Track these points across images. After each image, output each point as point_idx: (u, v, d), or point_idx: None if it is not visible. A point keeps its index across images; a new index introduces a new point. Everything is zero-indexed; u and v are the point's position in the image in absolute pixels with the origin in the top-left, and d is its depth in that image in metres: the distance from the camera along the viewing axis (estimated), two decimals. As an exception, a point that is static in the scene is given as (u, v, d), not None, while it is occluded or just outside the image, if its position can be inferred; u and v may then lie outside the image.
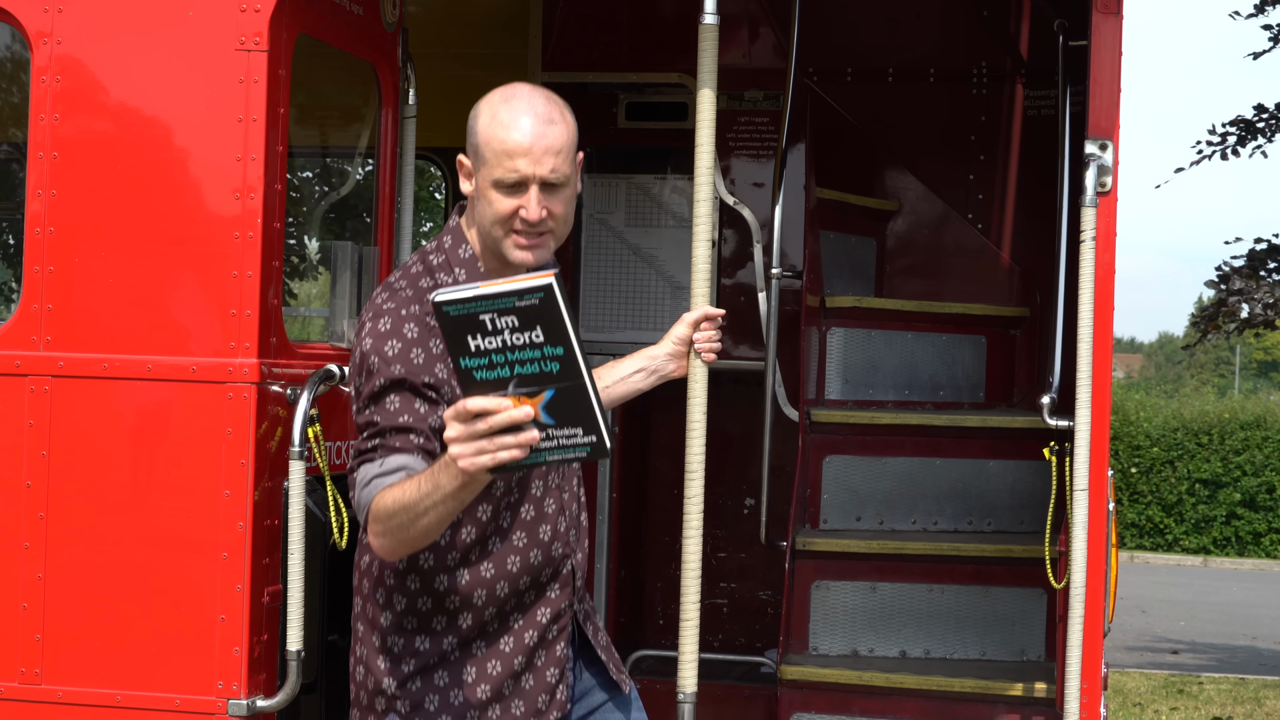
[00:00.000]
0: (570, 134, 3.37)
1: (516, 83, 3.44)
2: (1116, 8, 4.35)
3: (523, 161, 3.30)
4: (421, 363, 3.28)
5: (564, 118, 3.36)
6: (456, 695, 3.45)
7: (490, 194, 3.34)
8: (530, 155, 3.30)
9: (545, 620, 3.51)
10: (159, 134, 4.28)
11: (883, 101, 6.52)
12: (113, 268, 4.25)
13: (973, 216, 6.46)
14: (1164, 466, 21.73)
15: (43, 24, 4.32)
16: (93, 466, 4.26)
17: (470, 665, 3.45)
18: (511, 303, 2.81)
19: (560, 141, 3.33)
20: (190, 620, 4.17)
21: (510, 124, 3.31)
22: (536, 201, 3.32)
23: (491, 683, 3.46)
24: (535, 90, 3.39)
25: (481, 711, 3.45)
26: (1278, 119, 11.73)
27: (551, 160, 3.31)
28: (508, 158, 3.30)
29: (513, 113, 3.32)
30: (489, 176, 3.34)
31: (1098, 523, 4.33)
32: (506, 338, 2.82)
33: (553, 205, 3.35)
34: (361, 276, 4.80)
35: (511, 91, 3.38)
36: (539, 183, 3.32)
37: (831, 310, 5.92)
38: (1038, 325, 6.17)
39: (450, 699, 3.44)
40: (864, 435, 5.75)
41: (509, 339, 2.82)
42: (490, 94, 3.41)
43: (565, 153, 3.34)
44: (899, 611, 5.51)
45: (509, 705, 3.47)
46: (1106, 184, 4.31)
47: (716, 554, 6.59)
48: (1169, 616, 15.49)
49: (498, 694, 3.46)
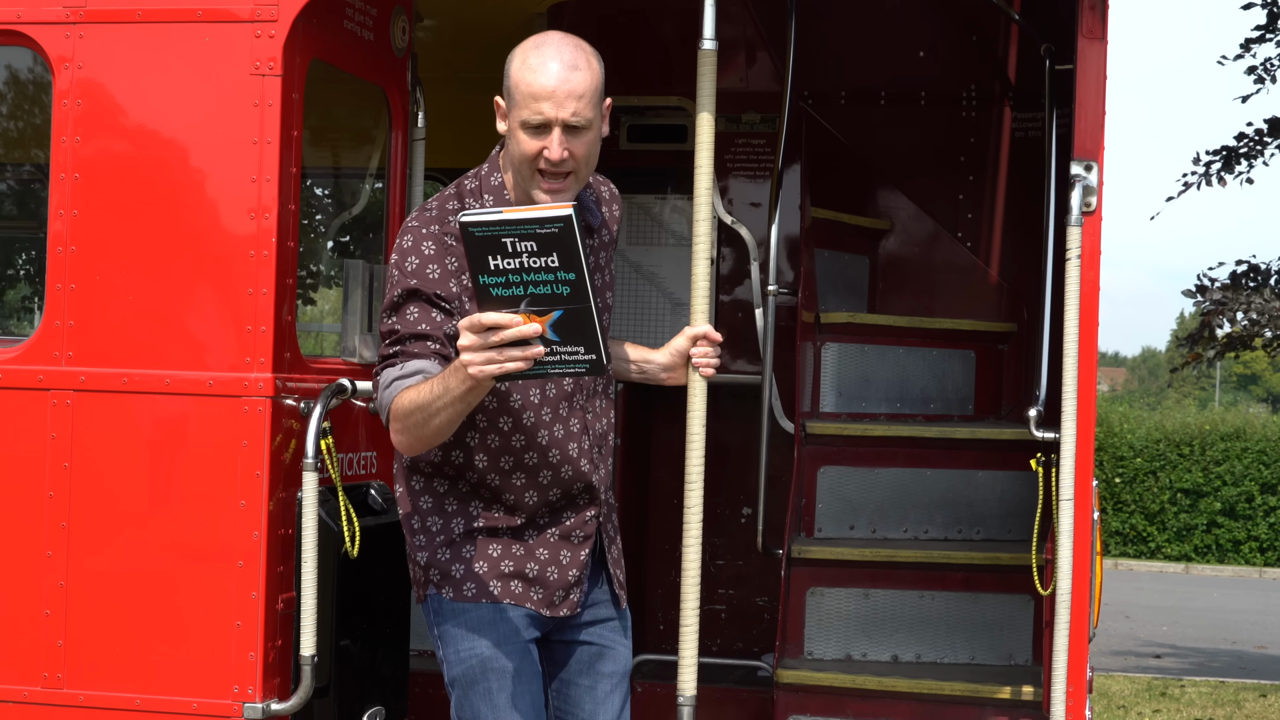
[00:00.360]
0: (595, 80, 3.50)
1: (550, 30, 3.60)
2: (1101, 33, 4.36)
3: (547, 105, 3.44)
4: (436, 277, 3.48)
5: (589, 65, 3.50)
6: (481, 566, 3.65)
7: (518, 134, 3.49)
8: (554, 99, 3.44)
9: (571, 524, 3.70)
10: (177, 156, 4.28)
11: (875, 124, 6.53)
12: (132, 285, 4.26)
13: (962, 235, 6.46)
14: (1147, 477, 21.72)
15: (64, 49, 4.33)
16: (113, 477, 4.26)
17: (497, 543, 3.65)
18: (533, 229, 3.03)
19: (584, 87, 3.47)
20: (207, 626, 4.17)
21: (538, 69, 3.45)
22: (559, 143, 3.46)
23: (515, 562, 3.66)
24: (565, 38, 3.52)
25: (504, 584, 3.64)
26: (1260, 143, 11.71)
27: (574, 104, 3.45)
28: (534, 100, 3.45)
29: (541, 58, 3.47)
30: (518, 117, 3.48)
31: (1083, 531, 4.33)
32: (525, 260, 3.05)
33: (575, 147, 3.49)
34: (372, 293, 4.80)
35: (543, 39, 3.52)
36: (562, 125, 3.46)
37: (826, 326, 5.92)
38: (1025, 340, 6.16)
39: (475, 569, 3.65)
40: (857, 447, 5.75)
41: (526, 261, 3.06)
42: (526, 40, 3.54)
43: (589, 98, 3.48)
44: (891, 617, 5.51)
45: (529, 588, 3.66)
46: (1091, 204, 4.31)
47: (715, 561, 6.58)
48: (1152, 622, 15.48)
49: (519, 573, 3.65)
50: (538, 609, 3.67)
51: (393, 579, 4.53)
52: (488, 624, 3.64)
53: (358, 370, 4.67)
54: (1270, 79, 11.61)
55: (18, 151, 7.49)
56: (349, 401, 4.39)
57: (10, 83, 7.18)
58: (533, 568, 3.66)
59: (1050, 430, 4.51)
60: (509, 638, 3.64)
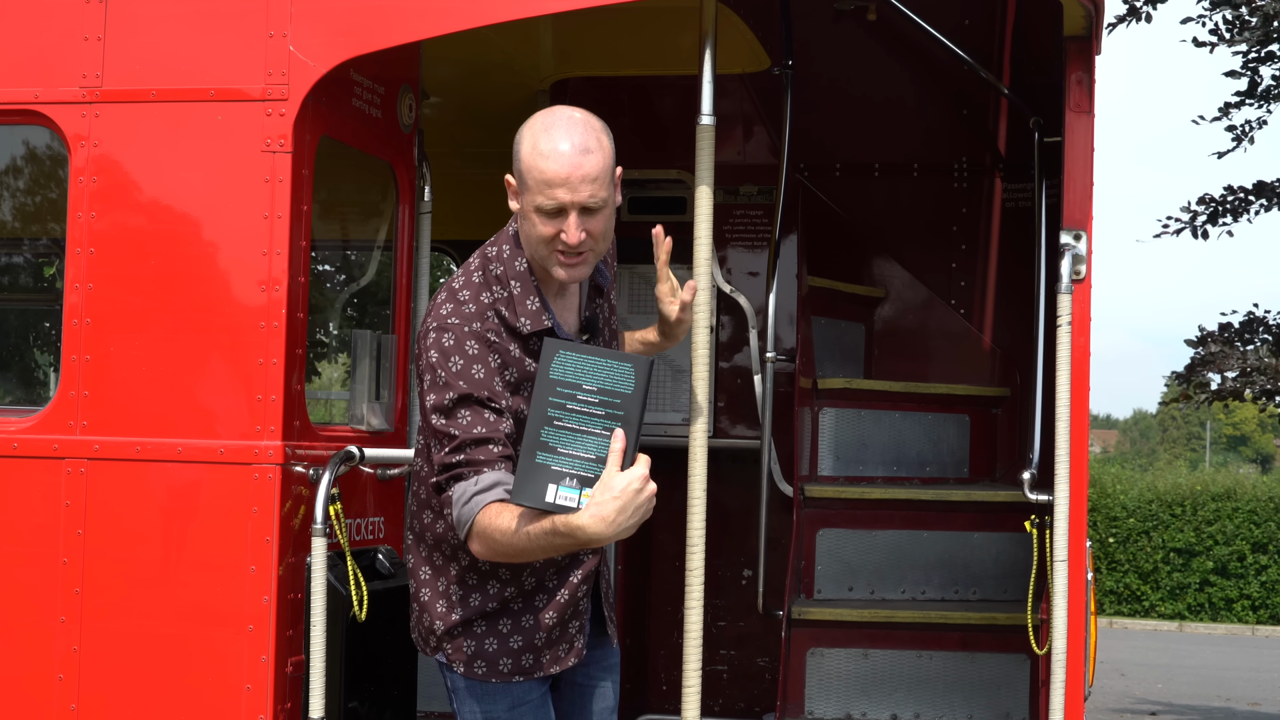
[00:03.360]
0: (607, 159, 3.43)
1: (558, 108, 3.49)
2: (1088, 107, 4.38)
3: (561, 191, 3.37)
4: (482, 378, 3.41)
5: (600, 144, 3.42)
6: (491, 644, 3.59)
7: (533, 217, 3.43)
8: (568, 185, 3.37)
9: (577, 582, 3.63)
10: (190, 230, 4.30)
11: (870, 195, 6.55)
12: (146, 356, 4.26)
13: (955, 302, 6.48)
14: (1140, 536, 21.63)
15: (80, 128, 4.36)
16: (126, 544, 4.25)
17: (508, 619, 3.59)
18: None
19: (596, 169, 3.39)
20: (218, 689, 4.15)
21: (550, 154, 3.38)
22: (576, 226, 3.40)
23: (524, 636, 3.59)
24: (574, 117, 3.44)
25: (514, 660, 3.59)
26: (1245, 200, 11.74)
27: (589, 188, 3.38)
28: (548, 187, 3.38)
29: (552, 142, 3.39)
30: (531, 202, 3.42)
31: (1077, 591, 4.31)
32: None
33: (591, 226, 3.43)
34: (380, 363, 4.80)
35: (551, 119, 3.44)
36: (577, 209, 3.39)
37: (823, 391, 5.93)
38: (1018, 404, 6.16)
39: (485, 647, 3.59)
40: (855, 509, 5.74)
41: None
42: (533, 119, 3.47)
43: (602, 179, 3.41)
44: (890, 677, 5.48)
45: (539, 657, 3.61)
46: (1081, 272, 4.32)
47: (716, 622, 6.56)
48: (1147, 679, 15.38)
49: (529, 646, 3.60)
50: (548, 672, 3.65)
51: (400, 642, 4.50)
52: (502, 692, 3.61)
53: (366, 438, 4.67)
54: (1249, 140, 11.67)
55: (36, 226, 7.52)
56: (357, 468, 4.39)
57: (28, 159, 7.21)
58: (541, 636, 3.60)
59: (1044, 493, 4.51)
60: (522, 698, 3.62)
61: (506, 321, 3.47)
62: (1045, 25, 5.01)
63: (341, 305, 7.40)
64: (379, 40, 4.28)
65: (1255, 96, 11.50)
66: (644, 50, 6.16)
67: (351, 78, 4.57)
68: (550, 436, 3.26)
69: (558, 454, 3.26)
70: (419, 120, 5.06)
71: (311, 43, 4.25)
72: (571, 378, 3.28)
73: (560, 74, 6.44)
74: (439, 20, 4.25)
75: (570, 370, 3.28)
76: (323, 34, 4.25)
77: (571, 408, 3.27)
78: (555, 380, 3.27)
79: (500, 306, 3.48)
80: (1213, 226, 11.78)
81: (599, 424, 3.27)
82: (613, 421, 3.26)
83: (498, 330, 3.46)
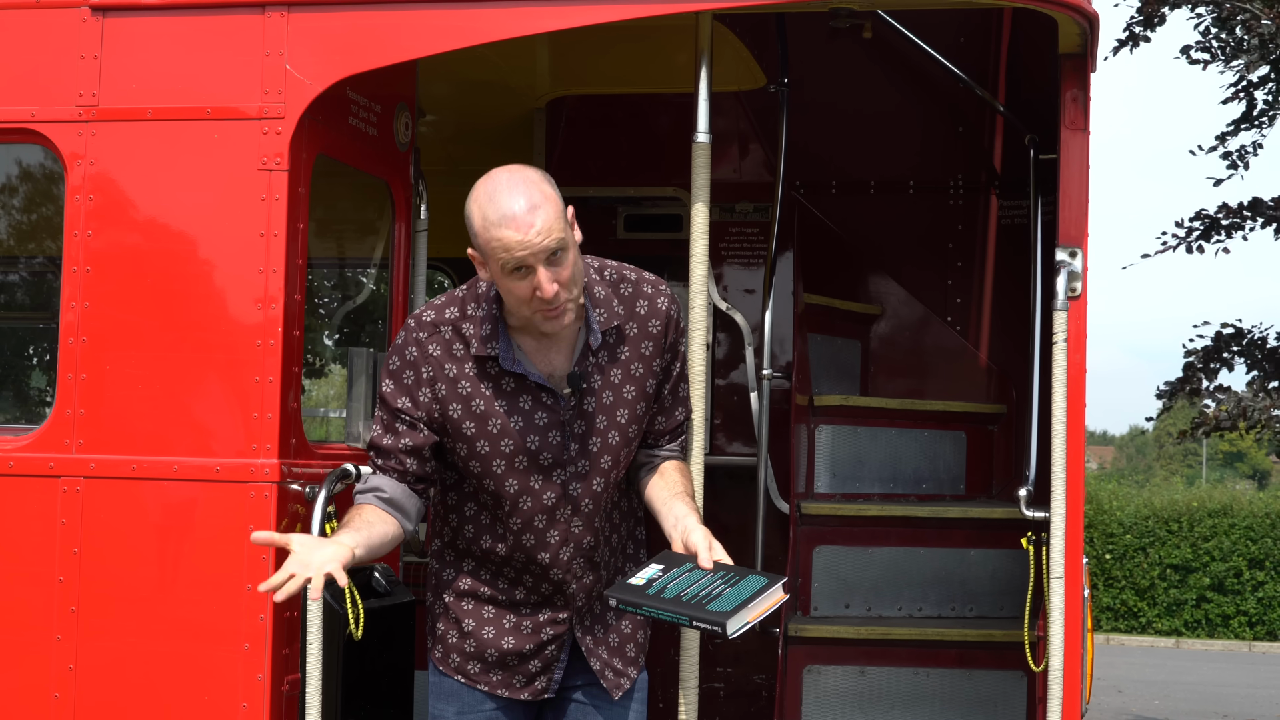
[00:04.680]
0: (556, 207, 3.48)
1: (493, 172, 3.54)
2: (1084, 124, 4.39)
3: (523, 252, 3.43)
4: (405, 386, 3.64)
5: (545, 195, 3.48)
6: (452, 637, 3.80)
7: (504, 283, 3.49)
8: (528, 245, 3.43)
9: (542, 619, 3.75)
10: (186, 248, 4.30)
11: (865, 212, 6.55)
12: (141, 374, 4.26)
13: (952, 319, 6.48)
14: (1136, 553, 21.62)
15: (76, 146, 4.36)
16: (122, 562, 4.25)
17: (470, 620, 3.78)
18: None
19: (548, 221, 3.44)
20: (214, 708, 4.15)
21: (500, 221, 3.44)
22: (548, 280, 3.45)
23: (478, 644, 3.76)
24: (512, 179, 3.49)
25: (464, 661, 3.78)
26: (1239, 218, 11.78)
27: (546, 240, 3.43)
28: (506, 252, 3.44)
29: (499, 210, 3.45)
30: (497, 270, 3.48)
31: (1074, 608, 4.31)
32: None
33: (560, 273, 3.47)
34: (376, 381, 4.80)
35: (492, 187, 3.49)
36: (542, 261, 3.44)
37: (819, 408, 5.93)
38: (1014, 421, 6.16)
39: (448, 638, 3.81)
40: (851, 526, 5.74)
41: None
42: (475, 190, 3.53)
43: (557, 225, 3.46)
44: (887, 694, 5.47)
45: (487, 671, 3.77)
46: (1076, 289, 4.32)
47: (713, 640, 6.54)
48: (1144, 696, 15.37)
49: (479, 655, 3.76)
50: (494, 691, 3.75)
51: (397, 660, 4.50)
52: (453, 694, 3.80)
53: (362, 455, 4.67)
54: (1244, 165, 11.71)
55: (31, 244, 7.52)
56: (353, 486, 4.38)
57: (23, 177, 7.22)
58: (492, 653, 3.73)
59: (1040, 509, 4.51)
60: (473, 707, 3.78)
61: (462, 335, 3.63)
62: (1041, 43, 5.01)
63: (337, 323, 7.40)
64: (375, 59, 4.29)
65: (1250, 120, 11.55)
66: (640, 68, 6.17)
67: (348, 96, 4.58)
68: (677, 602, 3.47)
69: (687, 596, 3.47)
70: (415, 138, 5.06)
71: (308, 61, 4.25)
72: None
73: (556, 92, 6.44)
74: (435, 39, 4.25)
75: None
76: (319, 52, 4.26)
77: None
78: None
79: (459, 324, 3.63)
80: (1207, 243, 11.82)
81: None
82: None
83: (444, 343, 3.62)
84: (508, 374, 3.61)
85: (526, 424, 3.61)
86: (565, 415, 3.63)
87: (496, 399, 3.61)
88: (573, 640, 3.80)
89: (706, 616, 3.35)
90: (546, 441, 3.63)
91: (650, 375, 3.70)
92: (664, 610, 3.41)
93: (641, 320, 3.69)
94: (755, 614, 3.39)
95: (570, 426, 3.64)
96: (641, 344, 3.69)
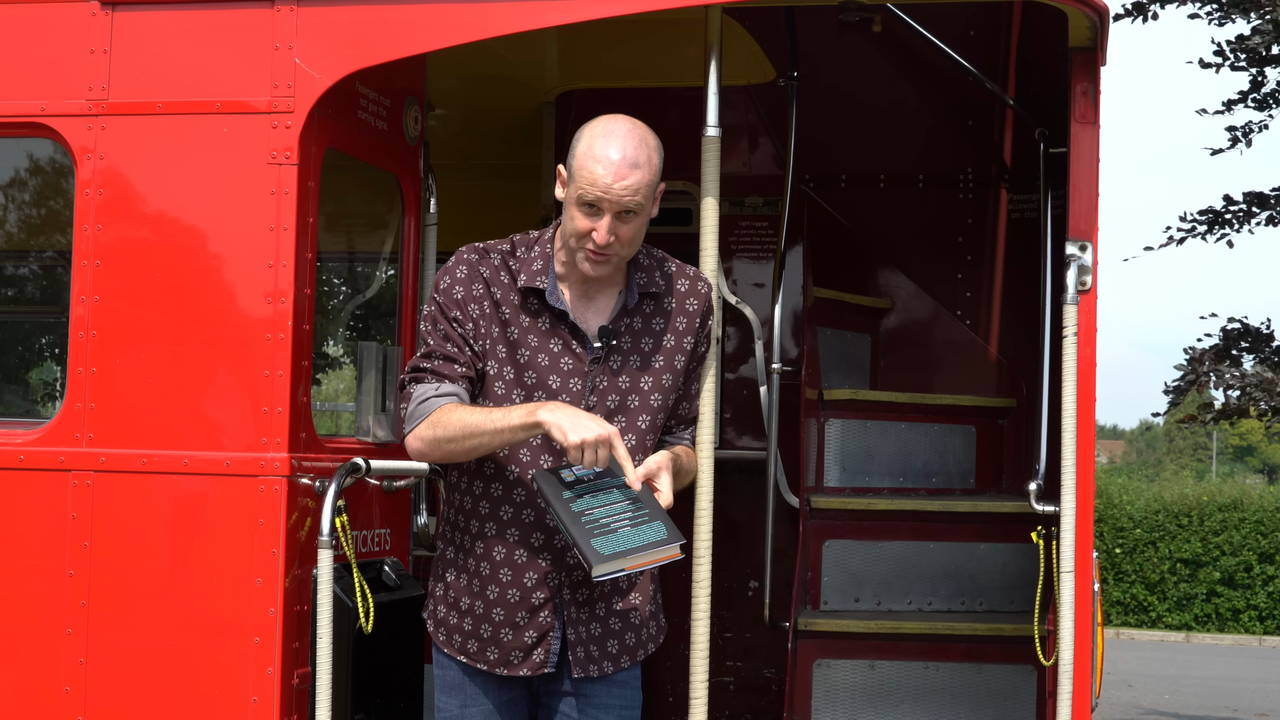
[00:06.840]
0: (651, 176, 3.64)
1: (621, 116, 3.69)
2: (1094, 118, 4.38)
3: (602, 194, 3.58)
4: (460, 298, 3.69)
5: (649, 161, 3.63)
6: (452, 615, 3.80)
7: (572, 209, 3.64)
8: (610, 192, 3.58)
9: (532, 586, 3.72)
10: (196, 242, 4.31)
11: (875, 206, 6.55)
12: (152, 368, 4.27)
13: (961, 313, 6.47)
14: (1146, 547, 21.60)
15: (87, 140, 4.36)
16: (132, 556, 4.25)
17: (467, 598, 3.77)
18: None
19: (639, 183, 3.60)
20: (224, 701, 4.15)
21: (600, 159, 3.59)
22: (607, 229, 3.60)
23: (474, 621, 3.76)
24: (632, 130, 3.65)
25: (463, 640, 3.78)
26: (1244, 210, 11.74)
27: (628, 198, 3.59)
28: (591, 186, 3.59)
29: (605, 148, 3.60)
30: (574, 194, 3.63)
31: (1084, 602, 4.30)
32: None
33: (622, 231, 3.62)
34: (386, 374, 4.81)
35: (612, 126, 3.65)
36: (613, 212, 3.59)
37: (829, 402, 5.92)
38: (1024, 415, 6.15)
39: (449, 618, 3.80)
40: (861, 520, 5.73)
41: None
42: (598, 119, 3.69)
43: (643, 191, 3.61)
44: (896, 688, 5.47)
45: (484, 649, 3.76)
46: (1086, 283, 4.32)
47: (723, 634, 6.55)
48: (1154, 690, 15.35)
49: (475, 634, 3.76)
50: (493, 670, 3.75)
51: (407, 653, 4.51)
52: (457, 687, 3.80)
53: (372, 450, 4.67)
54: (1246, 143, 11.66)
55: (42, 238, 7.53)
56: (363, 480, 4.39)
57: (34, 171, 7.22)
58: (486, 629, 3.74)
59: (1050, 503, 4.50)
60: (474, 699, 3.78)
61: (509, 267, 3.72)
62: (1050, 36, 5.01)
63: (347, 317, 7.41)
64: (384, 53, 4.29)
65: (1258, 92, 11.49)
66: (649, 62, 6.16)
67: (357, 90, 4.58)
68: (591, 524, 3.50)
69: (600, 524, 3.50)
70: (424, 132, 5.06)
71: (317, 55, 4.25)
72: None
73: (565, 85, 6.44)
74: (444, 33, 4.26)
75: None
76: (328, 47, 4.26)
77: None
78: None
79: (508, 258, 3.74)
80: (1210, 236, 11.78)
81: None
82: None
83: (494, 267, 3.71)
84: (546, 312, 3.71)
85: (552, 364, 3.70)
86: (590, 366, 3.70)
87: (531, 333, 3.71)
88: (562, 617, 3.75)
89: (585, 549, 3.45)
90: (568, 386, 3.69)
91: (680, 352, 3.81)
92: (560, 520, 3.50)
93: (680, 297, 3.83)
94: (634, 564, 3.48)
95: (593, 378, 3.70)
96: (677, 319, 3.81)
